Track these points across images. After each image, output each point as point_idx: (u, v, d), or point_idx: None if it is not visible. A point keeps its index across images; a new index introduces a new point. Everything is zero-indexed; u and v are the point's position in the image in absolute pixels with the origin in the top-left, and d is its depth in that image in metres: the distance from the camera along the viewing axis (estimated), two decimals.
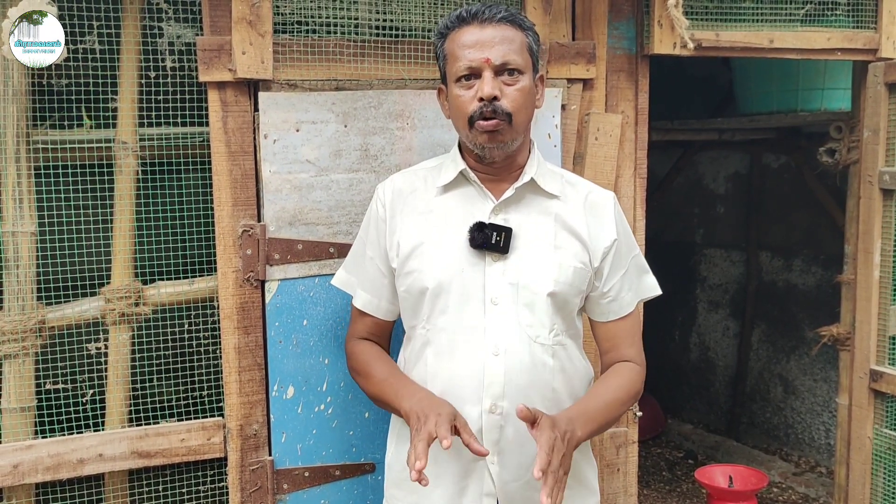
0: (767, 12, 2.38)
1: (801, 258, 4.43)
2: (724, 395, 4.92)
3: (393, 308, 1.71)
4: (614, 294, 1.68)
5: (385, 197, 1.69)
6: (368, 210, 1.74)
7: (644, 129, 2.25)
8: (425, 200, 1.66)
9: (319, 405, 1.92)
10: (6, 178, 1.75)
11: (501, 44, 1.54)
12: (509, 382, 1.56)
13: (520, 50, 1.56)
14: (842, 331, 2.79)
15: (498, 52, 1.53)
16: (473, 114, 1.55)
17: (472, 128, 1.56)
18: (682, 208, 5.16)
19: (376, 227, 1.69)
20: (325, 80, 1.90)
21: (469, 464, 1.59)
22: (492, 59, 1.53)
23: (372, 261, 1.70)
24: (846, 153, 2.75)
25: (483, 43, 1.54)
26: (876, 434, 2.63)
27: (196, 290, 1.89)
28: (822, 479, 4.15)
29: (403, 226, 1.65)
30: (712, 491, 3.40)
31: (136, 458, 1.84)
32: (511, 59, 1.54)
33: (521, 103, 1.56)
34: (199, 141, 1.87)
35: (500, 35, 1.54)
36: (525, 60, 1.57)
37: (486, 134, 1.55)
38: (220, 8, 1.81)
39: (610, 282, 1.67)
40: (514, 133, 1.57)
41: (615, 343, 1.71)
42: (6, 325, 1.76)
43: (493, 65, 1.53)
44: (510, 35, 1.55)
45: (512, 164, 1.63)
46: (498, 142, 1.56)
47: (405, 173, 1.74)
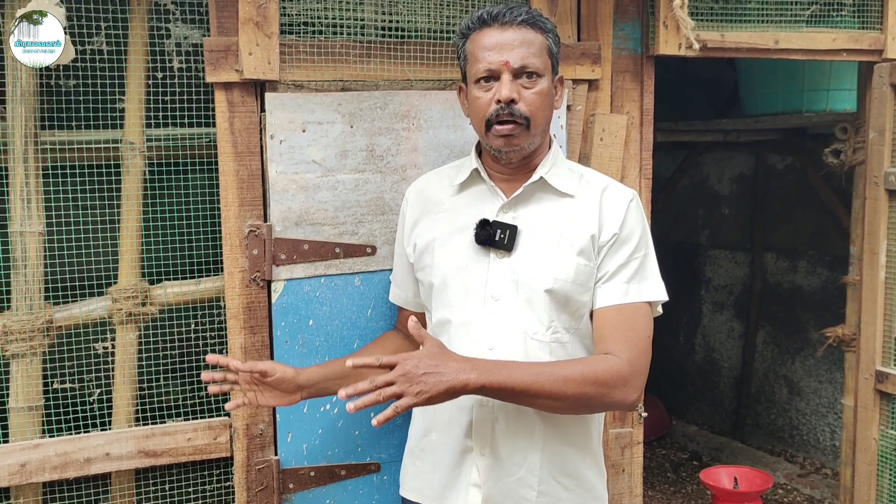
0: (773, 13, 2.38)
1: (806, 259, 4.42)
2: (728, 396, 4.92)
3: (420, 301, 1.79)
4: (605, 279, 1.60)
5: (409, 196, 1.79)
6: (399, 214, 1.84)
7: (649, 129, 2.25)
8: (443, 199, 1.73)
9: (325, 405, 1.92)
10: (14, 179, 1.75)
11: (521, 47, 1.55)
12: None
13: (539, 52, 1.57)
14: (847, 332, 2.79)
15: (517, 55, 1.55)
16: (490, 116, 1.57)
17: (488, 130, 1.58)
18: (687, 209, 5.16)
19: (401, 225, 1.80)
20: (331, 81, 1.90)
21: (460, 455, 1.64)
22: (511, 62, 1.54)
23: (400, 257, 1.81)
24: (852, 154, 2.75)
25: (503, 45, 1.55)
26: (881, 435, 2.63)
27: (202, 290, 1.90)
28: (828, 480, 4.14)
29: (421, 224, 1.73)
30: (717, 492, 3.40)
31: (143, 458, 1.84)
32: (530, 62, 1.55)
33: (539, 106, 1.57)
34: (206, 141, 1.87)
35: (519, 38, 1.56)
36: (544, 63, 1.58)
37: (501, 138, 1.57)
38: (227, 9, 1.81)
39: (603, 268, 1.60)
40: (531, 137, 1.59)
41: (602, 334, 1.60)
42: (14, 324, 1.76)
43: (511, 68, 1.55)
44: (530, 38, 1.56)
45: (529, 164, 1.66)
46: (513, 146, 1.58)
47: (432, 173, 1.83)
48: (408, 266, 1.77)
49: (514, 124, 1.56)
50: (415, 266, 1.74)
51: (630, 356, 1.54)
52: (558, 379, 1.46)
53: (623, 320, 1.59)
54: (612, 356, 1.54)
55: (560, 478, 1.63)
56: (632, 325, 1.59)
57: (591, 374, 1.49)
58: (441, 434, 1.66)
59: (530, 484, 1.60)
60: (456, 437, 1.64)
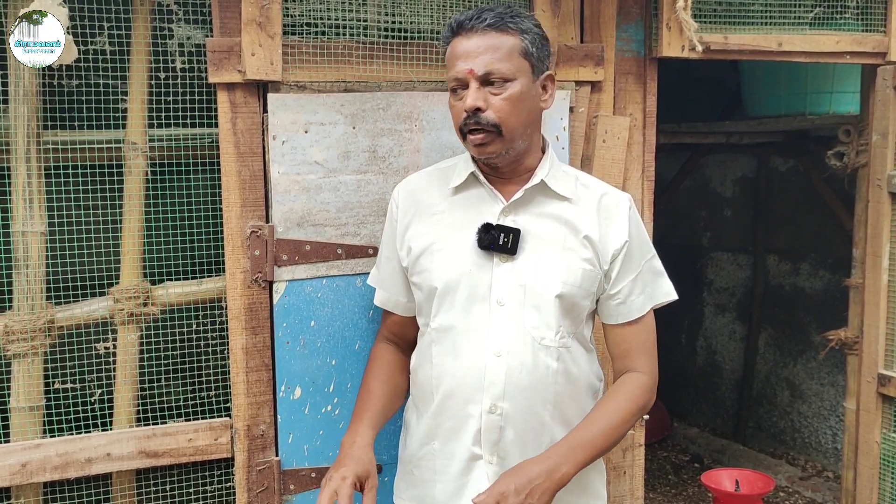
0: (776, 15, 2.37)
1: (808, 262, 4.41)
2: (730, 398, 4.91)
3: (411, 305, 1.74)
4: (623, 297, 1.66)
5: (398, 197, 1.73)
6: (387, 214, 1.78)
7: (652, 131, 2.25)
8: (437, 201, 1.68)
9: (327, 406, 1.92)
10: (16, 178, 1.75)
11: (486, 53, 1.52)
12: (510, 383, 1.57)
13: (508, 56, 1.53)
14: (849, 335, 2.78)
15: (481, 62, 1.52)
16: (462, 126, 1.57)
17: (464, 139, 1.59)
18: (690, 211, 5.15)
19: (391, 226, 1.74)
20: (333, 82, 1.90)
21: (469, 462, 1.61)
22: (475, 69, 1.52)
23: (389, 260, 1.75)
24: (855, 157, 2.75)
25: (468, 53, 1.53)
26: (884, 438, 2.62)
27: (204, 291, 1.90)
28: (829, 483, 4.13)
29: (415, 226, 1.68)
30: (719, 495, 3.39)
31: (144, 458, 1.84)
32: (494, 67, 1.52)
33: (509, 111, 1.54)
34: (209, 142, 1.87)
35: (484, 44, 1.52)
36: (516, 66, 1.54)
37: (475, 147, 1.58)
38: (230, 10, 1.81)
39: (619, 284, 1.65)
40: (506, 143, 1.57)
41: (625, 349, 1.68)
42: (15, 324, 1.76)
43: (476, 76, 1.53)
44: (495, 42, 1.53)
45: (519, 166, 1.64)
46: (488, 153, 1.57)
47: (420, 174, 1.77)
48: (399, 269, 1.73)
49: (483, 133, 1.54)
50: (410, 270, 1.69)
51: (651, 367, 1.68)
52: (619, 425, 1.59)
53: (642, 331, 1.68)
54: (639, 375, 1.66)
55: None
56: (648, 334, 1.69)
57: (636, 408, 1.62)
58: (445, 442, 1.64)
59: None
60: (462, 444, 1.61)
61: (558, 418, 1.61)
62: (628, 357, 1.68)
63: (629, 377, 1.66)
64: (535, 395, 1.58)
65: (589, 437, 1.55)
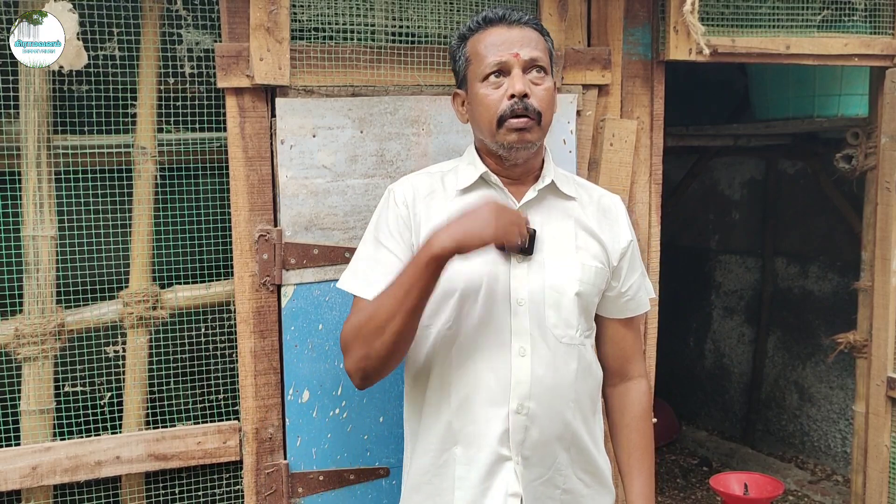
0: (784, 18, 2.37)
1: (817, 265, 4.40)
2: (739, 401, 4.90)
3: None
4: (633, 293, 1.71)
5: (406, 197, 1.63)
6: (381, 212, 1.65)
7: (659, 134, 2.25)
8: (444, 204, 1.64)
9: (334, 409, 1.92)
10: (27, 183, 1.77)
11: (529, 43, 1.57)
12: (536, 382, 1.56)
13: (545, 52, 1.60)
14: (858, 338, 2.77)
15: (527, 49, 1.56)
16: (504, 112, 1.54)
17: (500, 127, 1.55)
18: (697, 214, 5.14)
19: (397, 226, 1.61)
20: (341, 86, 1.91)
21: (493, 466, 1.58)
22: (521, 54, 1.55)
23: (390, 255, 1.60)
24: (863, 159, 2.74)
25: (511, 41, 1.56)
26: (893, 442, 2.61)
27: (213, 294, 1.90)
28: (839, 487, 4.11)
29: (426, 227, 1.60)
30: (727, 498, 3.38)
31: (153, 461, 1.85)
32: (538, 55, 1.57)
33: (549, 103, 1.58)
34: (217, 146, 1.88)
35: (526, 36, 1.57)
36: (548, 62, 1.61)
37: (515, 133, 1.54)
38: (239, 15, 1.82)
39: (628, 281, 1.70)
40: (541, 133, 1.59)
41: (623, 348, 1.73)
42: (26, 327, 1.77)
43: (522, 60, 1.55)
44: (535, 38, 1.59)
45: (530, 167, 1.65)
46: (526, 141, 1.56)
47: (419, 175, 1.70)
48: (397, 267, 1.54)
49: (527, 118, 1.54)
50: None
51: (644, 367, 1.77)
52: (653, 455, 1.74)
53: (637, 327, 1.77)
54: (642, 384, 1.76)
55: (581, 475, 1.64)
56: (640, 331, 1.78)
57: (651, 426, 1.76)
58: (467, 447, 1.59)
59: (556, 483, 1.60)
60: (486, 447, 1.57)
61: (578, 415, 1.62)
62: (626, 359, 1.74)
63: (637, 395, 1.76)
64: (559, 393, 1.59)
65: (649, 481, 1.71)
